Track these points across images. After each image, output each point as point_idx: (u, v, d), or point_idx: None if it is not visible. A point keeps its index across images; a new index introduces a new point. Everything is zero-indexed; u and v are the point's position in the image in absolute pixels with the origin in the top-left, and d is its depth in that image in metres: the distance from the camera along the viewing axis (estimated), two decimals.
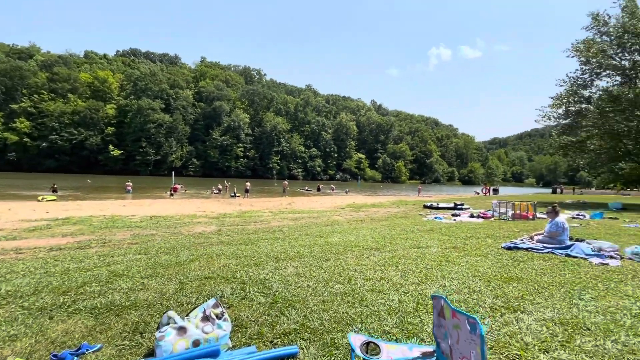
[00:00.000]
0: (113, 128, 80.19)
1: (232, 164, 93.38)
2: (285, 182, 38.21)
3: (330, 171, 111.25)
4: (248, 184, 29.73)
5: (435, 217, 11.55)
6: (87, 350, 2.24)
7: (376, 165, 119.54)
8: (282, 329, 2.61)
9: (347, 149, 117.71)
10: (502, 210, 11.73)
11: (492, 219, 11.41)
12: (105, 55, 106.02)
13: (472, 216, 11.98)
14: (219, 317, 2.29)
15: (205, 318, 2.23)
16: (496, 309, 3.02)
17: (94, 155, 77.29)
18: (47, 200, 18.80)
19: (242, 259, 5.15)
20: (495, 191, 41.56)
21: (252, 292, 3.48)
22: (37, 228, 8.48)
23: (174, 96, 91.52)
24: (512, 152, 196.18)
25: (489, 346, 2.34)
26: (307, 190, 43.40)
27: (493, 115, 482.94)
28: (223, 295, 3.38)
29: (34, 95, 74.26)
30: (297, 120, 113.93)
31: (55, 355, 2.15)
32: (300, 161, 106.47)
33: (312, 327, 2.65)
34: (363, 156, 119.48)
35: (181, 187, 36.50)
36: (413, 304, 3.15)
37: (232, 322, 2.62)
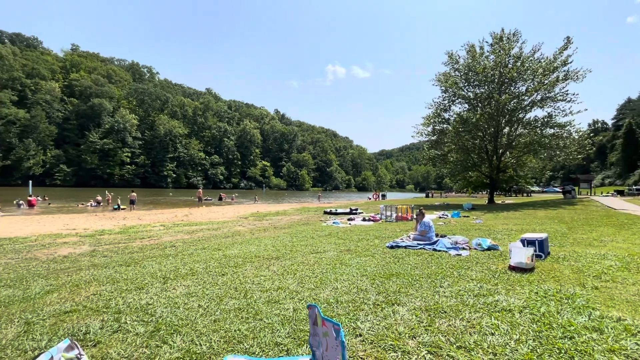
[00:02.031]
0: None
1: (116, 172, 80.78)
2: (200, 191, 35.17)
3: (234, 179, 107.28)
4: (133, 194, 26.04)
5: (334, 222, 12.30)
6: None
7: (281, 174, 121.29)
8: None
9: (252, 157, 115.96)
10: (388, 213, 13.31)
11: (381, 221, 12.81)
12: None
13: (364, 220, 13.21)
14: None
15: None
16: (378, 305, 3.37)
17: None
18: None
19: (121, 283, 4.46)
20: (384, 196, 46.98)
21: (128, 322, 3.03)
22: None
23: (33, 88, 74.22)
24: (396, 162, 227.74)
25: (370, 341, 2.58)
26: (206, 199, 40.71)
27: (380, 129, 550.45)
28: (87, 332, 2.83)
29: None
30: (196, 125, 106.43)
31: None
32: (200, 168, 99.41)
33: (198, 352, 2.45)
34: (268, 164, 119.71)
35: (42, 199, 29.62)
36: (306, 310, 3.25)
37: None
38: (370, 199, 48.34)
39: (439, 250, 6.18)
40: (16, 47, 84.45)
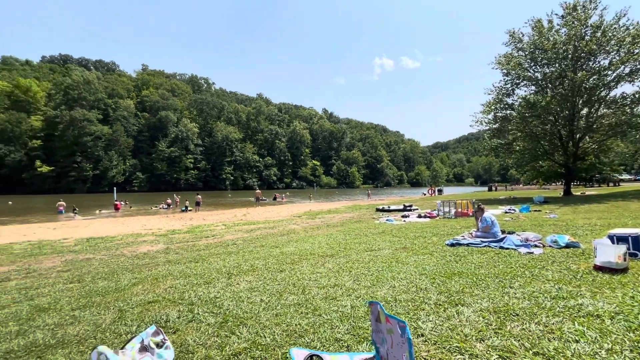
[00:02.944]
0: (40, 142, 71.77)
1: (182, 176, 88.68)
2: (258, 191, 36.79)
3: (286, 179, 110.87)
4: (199, 196, 28.41)
5: (387, 220, 12.04)
6: None
7: (331, 172, 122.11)
8: (232, 350, 2.51)
9: (302, 157, 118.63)
10: (446, 209, 12.62)
11: (438, 218, 12.20)
12: (28, 62, 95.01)
13: (419, 216, 12.70)
14: (159, 345, 2.13)
15: (144, 348, 2.06)
16: (440, 305, 3.22)
17: (16, 173, 68.31)
18: None
19: (191, 277, 4.88)
20: (440, 191, 44.59)
21: (200, 313, 3.31)
22: None
23: (113, 106, 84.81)
24: (453, 155, 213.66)
25: (433, 342, 2.48)
26: (262, 200, 42.69)
27: (434, 121, 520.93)
28: (168, 320, 3.16)
29: None
30: (250, 130, 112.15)
31: None
32: (255, 170, 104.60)
33: (263, 343, 2.59)
34: (318, 163, 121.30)
35: (124, 203, 33.69)
36: (364, 308, 3.23)
37: (177, 348, 2.46)
38: (425, 194, 46.32)
39: (507, 248, 5.69)
40: (99, 72, 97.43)
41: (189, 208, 27.22)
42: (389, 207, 18.01)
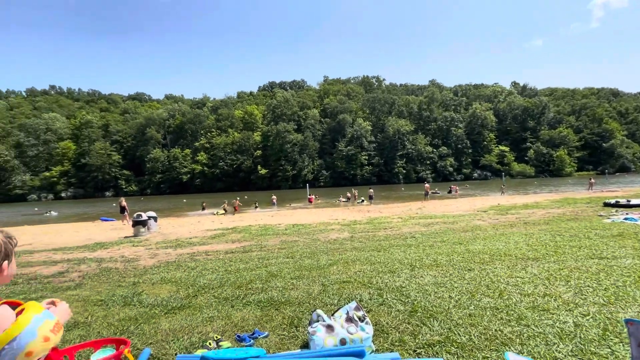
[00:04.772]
0: (260, 152, 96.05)
1: (358, 172, 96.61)
2: (427, 185, 36.25)
3: (465, 170, 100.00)
4: (371, 190, 30.35)
5: (626, 218, 8.79)
6: (259, 335, 2.73)
7: (526, 158, 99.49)
8: (425, 340, 2.50)
9: (485, 143, 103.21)
10: None
11: None
12: (251, 92, 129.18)
13: None
14: (361, 319, 2.40)
15: (349, 319, 2.37)
16: None
17: (247, 175, 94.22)
18: (220, 215, 23.98)
19: (376, 265, 5.22)
20: None
21: (389, 299, 3.49)
22: (215, 236, 10.91)
23: (304, 117, 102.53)
24: None
25: None
26: (434, 193, 40.53)
27: None
28: (362, 300, 3.51)
29: (208, 133, 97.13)
30: (422, 120, 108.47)
31: (238, 336, 2.72)
32: (428, 162, 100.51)
33: (459, 341, 2.44)
34: (506, 149, 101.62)
35: (315, 197, 40.04)
36: (597, 329, 2.49)
37: (373, 326, 2.69)
38: None
39: None
40: (293, 91, 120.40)
41: (364, 201, 29.60)
42: (628, 200, 13.07)
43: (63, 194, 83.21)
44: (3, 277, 1.06)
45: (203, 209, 30.47)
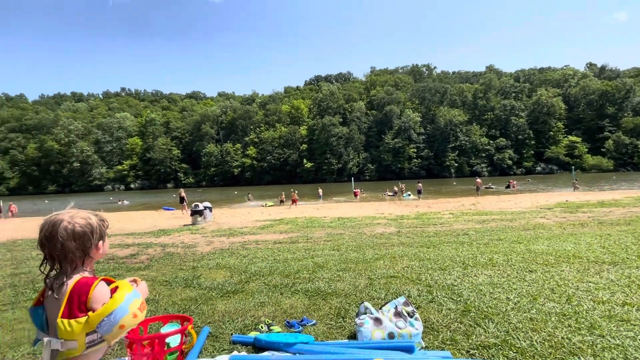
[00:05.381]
0: (306, 145, 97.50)
1: (405, 165, 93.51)
2: (479, 180, 34.35)
3: (526, 163, 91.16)
4: (419, 184, 29.07)
5: None
6: (307, 323, 2.82)
7: (602, 149, 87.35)
8: (480, 341, 2.37)
9: (551, 133, 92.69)
10: None
11: None
12: (297, 87, 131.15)
13: None
14: (410, 315, 2.35)
15: (398, 314, 2.33)
16: None
17: (293, 169, 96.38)
18: (268, 206, 24.95)
19: (425, 261, 5.05)
20: None
21: (439, 297, 3.36)
22: (264, 226, 11.39)
23: (349, 109, 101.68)
24: None
25: None
26: (487, 187, 37.73)
27: None
28: (410, 296, 3.42)
29: (257, 128, 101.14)
30: (477, 109, 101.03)
31: (288, 322, 2.84)
32: (484, 155, 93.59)
33: (518, 346, 2.28)
34: (577, 139, 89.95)
35: (360, 191, 39.73)
36: None
37: (423, 323, 2.61)
38: None
39: None
40: (339, 83, 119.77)
41: (411, 195, 28.64)
42: None
43: (132, 185, 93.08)
44: (99, 254, 1.25)
45: (249, 199, 32.45)
